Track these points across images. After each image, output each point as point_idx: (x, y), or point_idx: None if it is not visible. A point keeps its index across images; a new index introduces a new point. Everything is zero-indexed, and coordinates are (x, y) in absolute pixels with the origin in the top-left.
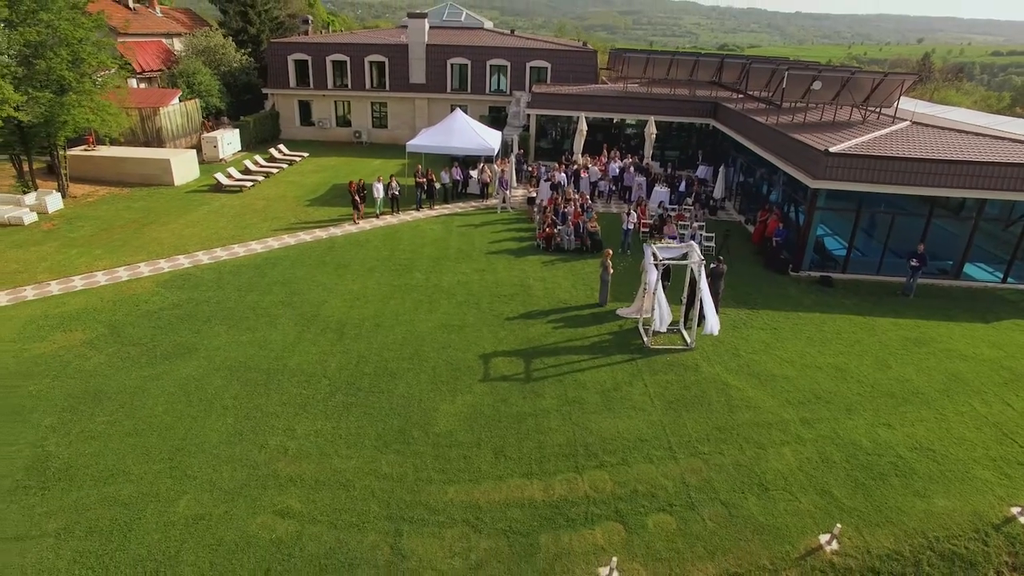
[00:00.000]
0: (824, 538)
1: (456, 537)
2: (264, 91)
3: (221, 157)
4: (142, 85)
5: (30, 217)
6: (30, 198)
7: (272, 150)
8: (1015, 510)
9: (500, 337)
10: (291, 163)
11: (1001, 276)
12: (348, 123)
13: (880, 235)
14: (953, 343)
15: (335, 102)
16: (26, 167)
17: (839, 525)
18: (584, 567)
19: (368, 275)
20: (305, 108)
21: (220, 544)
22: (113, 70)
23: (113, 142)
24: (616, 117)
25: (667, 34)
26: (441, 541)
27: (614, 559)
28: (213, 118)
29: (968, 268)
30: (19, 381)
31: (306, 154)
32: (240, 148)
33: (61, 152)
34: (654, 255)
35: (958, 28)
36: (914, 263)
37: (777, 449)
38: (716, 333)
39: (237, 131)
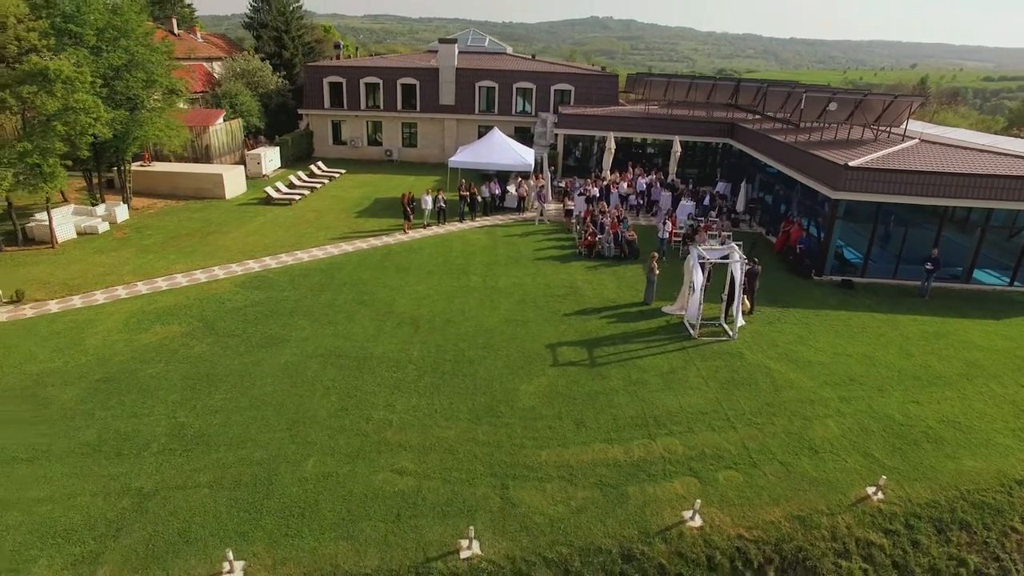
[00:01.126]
0: (871, 489)
1: (555, 489)
2: (300, 111)
3: (264, 173)
4: (186, 106)
5: (103, 227)
6: (100, 209)
7: (312, 167)
8: None
9: (560, 330)
10: (330, 179)
11: (1008, 280)
12: (379, 142)
13: (893, 245)
14: (968, 336)
15: (367, 122)
16: (95, 181)
17: (884, 477)
18: (670, 511)
19: (428, 278)
20: (337, 128)
21: (351, 495)
22: (179, 91)
23: (178, 158)
24: (639, 137)
25: (664, 59)
26: (543, 492)
27: (697, 502)
28: (252, 137)
29: (977, 273)
30: (138, 365)
31: (343, 171)
32: (280, 165)
33: (127, 167)
34: (701, 255)
35: (949, 54)
36: (929, 266)
37: (821, 421)
38: (731, 334)
39: (277, 149)
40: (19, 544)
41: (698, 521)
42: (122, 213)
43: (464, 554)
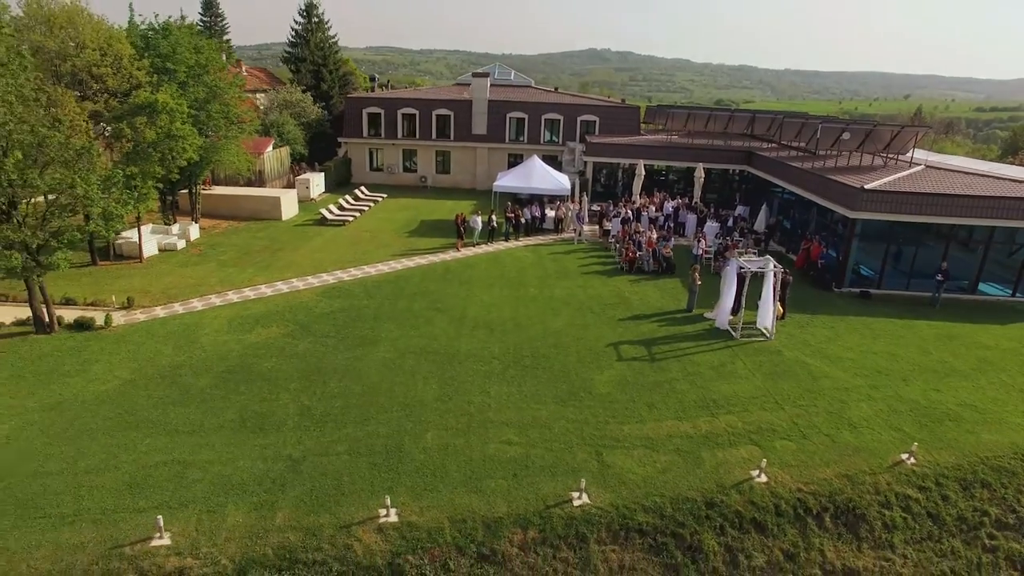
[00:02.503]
0: (904, 455)
1: (641, 455)
2: (339, 140)
3: (312, 197)
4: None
5: (180, 243)
6: (175, 228)
7: (357, 191)
8: None
9: (618, 332)
10: (374, 202)
11: (1011, 292)
12: (413, 169)
13: (904, 263)
14: (978, 337)
15: (402, 150)
16: (168, 202)
17: (916, 444)
18: (739, 470)
19: (490, 289)
20: (374, 155)
21: (471, 460)
22: (249, 120)
23: (233, 182)
24: (663, 164)
25: (662, 90)
26: (632, 457)
27: (763, 461)
28: (296, 163)
29: (982, 286)
30: (253, 360)
31: (384, 195)
32: (324, 190)
33: (198, 190)
34: (741, 266)
35: (940, 85)
36: (939, 278)
37: (856, 404)
38: (769, 334)
39: (322, 174)
40: (207, 493)
41: (764, 478)
42: (194, 232)
43: (576, 503)
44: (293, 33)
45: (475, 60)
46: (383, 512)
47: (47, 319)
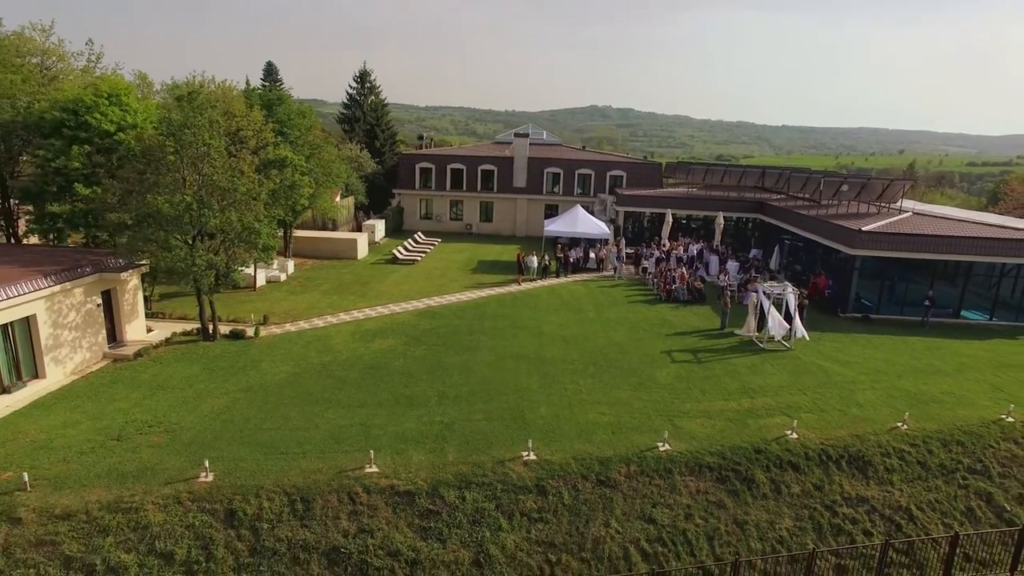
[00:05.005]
0: (899, 423)
1: (702, 422)
2: (393, 191)
3: (376, 240)
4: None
5: (283, 276)
6: (276, 264)
7: (416, 236)
8: (1002, 416)
9: (668, 344)
10: (432, 246)
11: (988, 316)
12: (459, 217)
13: (899, 292)
14: (959, 348)
15: (450, 200)
16: None
17: (907, 414)
18: (776, 430)
19: (556, 313)
20: (424, 204)
21: (578, 423)
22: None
23: (308, 226)
24: (684, 213)
25: (663, 145)
26: (695, 423)
27: (794, 422)
28: (358, 211)
29: (964, 312)
30: (384, 360)
31: (439, 240)
32: (384, 234)
33: (291, 231)
34: (766, 292)
35: (933, 140)
36: (927, 303)
37: (861, 391)
38: (806, 337)
39: (383, 221)
40: (390, 442)
41: (795, 435)
42: (290, 267)
43: (662, 449)
44: (348, 96)
45: (479, 117)
46: (525, 453)
47: (211, 330)
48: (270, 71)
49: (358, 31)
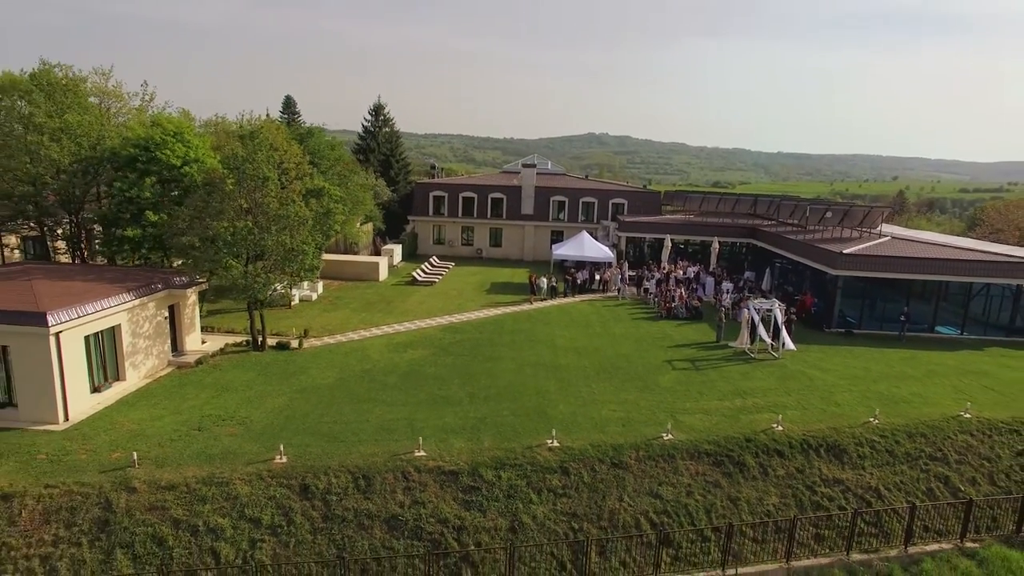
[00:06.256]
0: (871, 419)
1: (700, 417)
2: (408, 217)
3: (395, 264)
4: None
5: (314, 296)
6: (306, 284)
7: (431, 259)
8: (960, 413)
9: (669, 354)
10: (447, 269)
11: (959, 331)
12: (470, 243)
13: (878, 310)
14: (930, 359)
15: (461, 227)
16: None
17: (878, 411)
18: (764, 424)
19: (567, 328)
20: (437, 230)
21: (593, 418)
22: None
23: (329, 250)
24: (683, 237)
25: (660, 172)
26: (694, 418)
27: (779, 417)
28: (376, 236)
29: (939, 327)
30: (417, 367)
31: (453, 264)
32: (401, 258)
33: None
34: (755, 308)
35: (926, 167)
36: (903, 318)
37: (840, 393)
38: (793, 349)
39: (400, 246)
40: (433, 433)
41: (780, 428)
42: (320, 287)
43: (666, 438)
44: (363, 128)
45: (477, 144)
46: (549, 441)
47: (260, 341)
48: (288, 104)
49: (354, 57)
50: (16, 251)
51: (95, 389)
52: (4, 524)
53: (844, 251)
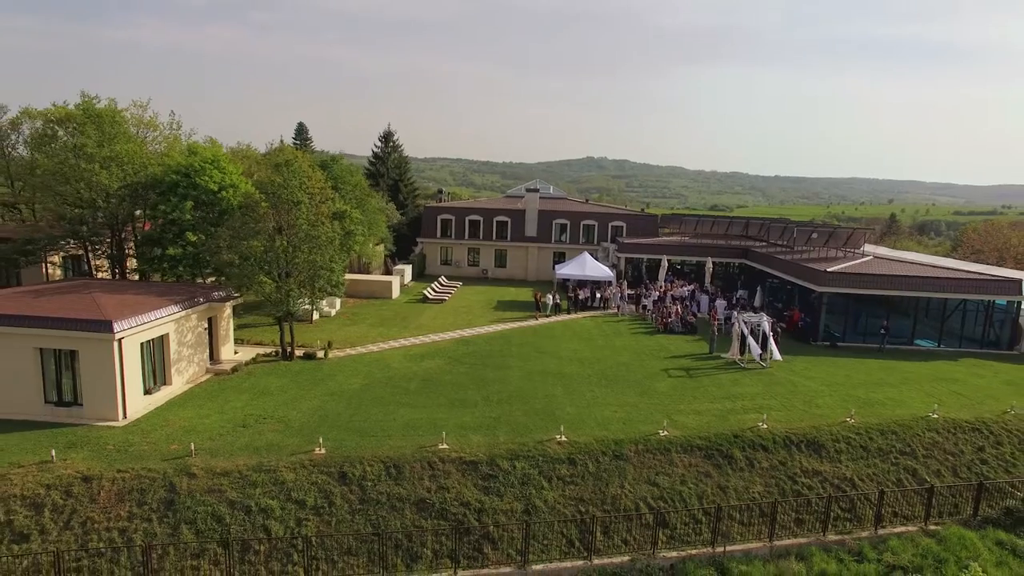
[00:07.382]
0: (848, 418)
1: (693, 417)
2: (417, 239)
3: (405, 283)
4: None
5: (333, 311)
6: (325, 301)
7: (441, 279)
8: (929, 414)
9: (665, 364)
10: (455, 288)
11: (937, 343)
12: (476, 263)
13: (861, 324)
14: (907, 368)
15: (468, 248)
16: None
17: (853, 410)
18: (751, 422)
19: (571, 341)
20: (444, 251)
21: (597, 418)
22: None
23: (358, 270)
24: (679, 258)
25: (658, 195)
26: (688, 417)
27: (764, 416)
28: (387, 257)
29: (917, 340)
30: (434, 375)
31: (460, 283)
32: (411, 278)
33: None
34: (745, 322)
35: (921, 190)
36: (883, 331)
37: (821, 397)
38: (780, 359)
39: (410, 266)
40: (454, 430)
41: (765, 426)
42: (338, 304)
43: (663, 434)
44: (373, 154)
45: (476, 168)
46: (558, 436)
47: (288, 351)
48: (301, 131)
49: (353, 83)
50: (58, 269)
51: (147, 391)
52: (87, 501)
53: (828, 269)
